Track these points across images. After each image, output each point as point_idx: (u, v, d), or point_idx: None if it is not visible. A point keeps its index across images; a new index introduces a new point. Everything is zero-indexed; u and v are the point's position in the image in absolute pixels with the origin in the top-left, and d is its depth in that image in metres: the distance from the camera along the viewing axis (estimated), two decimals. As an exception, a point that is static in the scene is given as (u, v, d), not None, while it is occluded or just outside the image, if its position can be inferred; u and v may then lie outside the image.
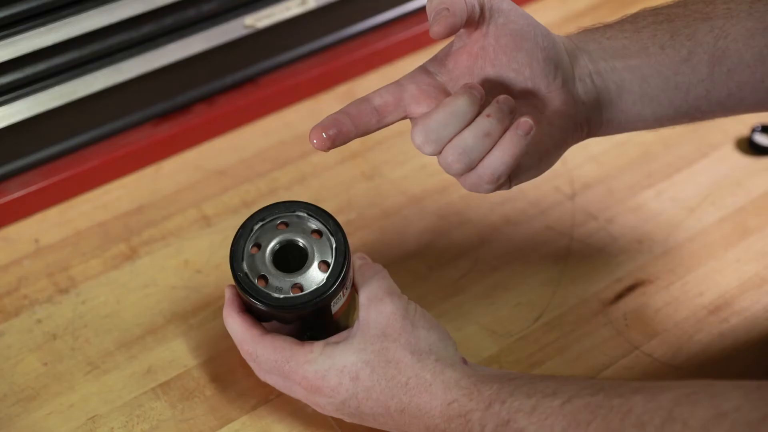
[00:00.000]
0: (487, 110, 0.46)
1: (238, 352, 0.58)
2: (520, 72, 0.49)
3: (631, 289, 0.65)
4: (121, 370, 0.61)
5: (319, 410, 0.54)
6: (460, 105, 0.46)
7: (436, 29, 0.46)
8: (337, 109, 0.52)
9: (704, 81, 0.52)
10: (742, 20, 0.51)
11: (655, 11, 0.53)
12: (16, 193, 0.70)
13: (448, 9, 0.46)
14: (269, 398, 0.59)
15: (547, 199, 0.72)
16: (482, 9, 0.48)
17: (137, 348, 0.62)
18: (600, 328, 0.63)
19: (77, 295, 0.66)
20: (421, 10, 0.85)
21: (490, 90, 0.49)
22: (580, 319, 0.64)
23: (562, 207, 0.71)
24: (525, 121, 0.46)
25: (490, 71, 0.49)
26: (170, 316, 0.64)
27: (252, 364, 0.55)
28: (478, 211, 0.71)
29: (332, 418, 0.58)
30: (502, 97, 0.47)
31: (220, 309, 0.64)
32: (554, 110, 0.50)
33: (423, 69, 0.51)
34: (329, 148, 0.49)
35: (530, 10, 0.88)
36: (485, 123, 0.46)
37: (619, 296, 0.65)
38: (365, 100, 0.50)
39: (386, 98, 0.50)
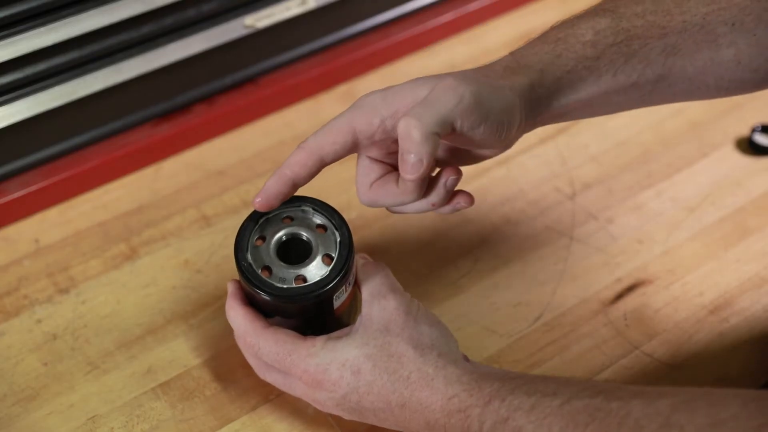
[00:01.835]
0: (432, 198, 0.52)
1: (239, 351, 0.58)
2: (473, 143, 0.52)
3: (631, 289, 0.65)
4: (121, 370, 0.61)
5: (318, 407, 0.54)
6: (409, 197, 0.51)
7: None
8: (337, 108, 0.53)
9: (645, 96, 0.55)
10: (693, 34, 0.52)
11: (617, 29, 0.52)
12: (16, 193, 0.70)
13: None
14: (269, 398, 0.59)
15: (547, 199, 0.72)
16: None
17: (137, 348, 0.62)
18: (600, 328, 0.63)
19: (77, 295, 0.66)
20: (421, 10, 0.85)
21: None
22: (580, 319, 0.64)
23: (562, 207, 0.71)
24: (452, 179, 0.51)
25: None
26: (170, 316, 0.64)
27: (252, 360, 0.56)
28: (478, 211, 0.71)
29: (332, 417, 0.58)
30: (450, 180, 0.51)
31: (221, 309, 0.64)
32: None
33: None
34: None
35: (530, 10, 0.89)
36: (428, 206, 0.52)
37: (619, 296, 0.65)
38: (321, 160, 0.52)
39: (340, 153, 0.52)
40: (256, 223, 0.55)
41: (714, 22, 0.52)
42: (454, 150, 0.54)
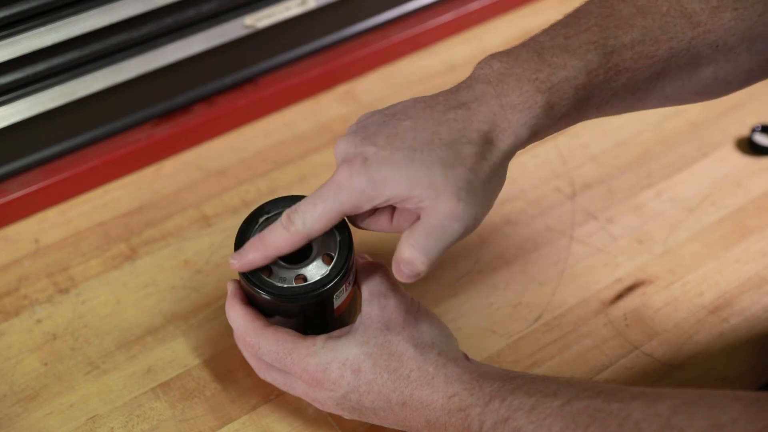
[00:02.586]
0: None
1: (239, 351, 0.58)
2: None
3: (631, 289, 0.65)
4: (121, 370, 0.61)
5: (318, 406, 0.54)
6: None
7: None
8: (337, 108, 0.53)
9: (617, 111, 0.55)
10: (678, 59, 0.52)
11: (607, 66, 0.51)
12: (16, 193, 0.70)
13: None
14: (269, 398, 0.59)
15: (547, 199, 0.72)
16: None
17: (137, 348, 0.62)
18: (600, 328, 0.63)
19: (77, 295, 0.66)
20: (421, 10, 0.85)
21: None
22: (580, 319, 0.64)
23: (562, 207, 0.71)
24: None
25: None
26: (170, 316, 0.64)
27: (252, 360, 0.56)
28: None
29: (331, 416, 0.58)
30: None
31: (221, 309, 0.64)
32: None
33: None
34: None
35: (530, 10, 0.89)
36: None
37: (619, 296, 0.65)
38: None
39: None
40: (257, 222, 0.55)
41: (699, 45, 0.52)
42: None
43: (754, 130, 0.75)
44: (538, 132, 0.51)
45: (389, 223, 0.53)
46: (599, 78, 0.50)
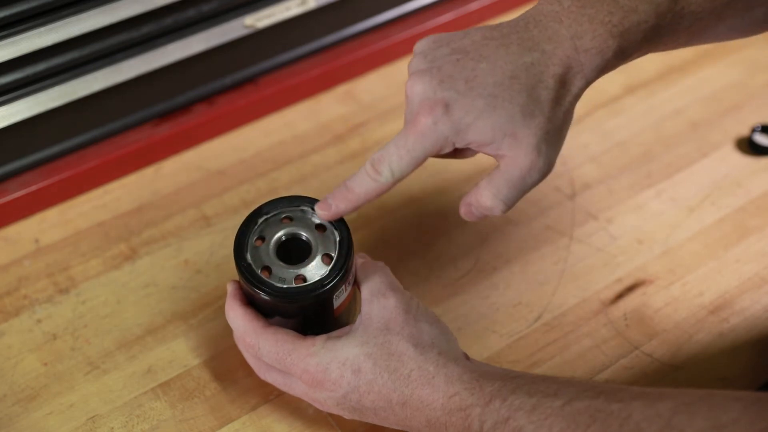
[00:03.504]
0: None
1: (239, 351, 0.58)
2: None
3: (631, 289, 0.65)
4: (121, 370, 0.61)
5: (318, 406, 0.54)
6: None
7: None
8: (337, 108, 0.53)
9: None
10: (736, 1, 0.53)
11: (674, 9, 0.52)
12: (16, 193, 0.70)
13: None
14: (269, 398, 0.59)
15: (547, 199, 0.72)
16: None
17: (137, 348, 0.62)
18: (600, 328, 0.63)
19: (77, 295, 0.66)
20: (421, 10, 0.85)
21: None
22: (580, 319, 0.64)
23: (562, 207, 0.71)
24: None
25: None
26: (170, 316, 0.64)
27: (252, 361, 0.56)
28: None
29: (332, 417, 0.58)
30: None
31: (221, 309, 0.64)
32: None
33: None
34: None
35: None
36: None
37: (619, 296, 0.65)
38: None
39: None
40: (256, 223, 0.55)
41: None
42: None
43: (754, 130, 0.75)
44: (604, 72, 0.52)
45: (461, 154, 0.54)
46: (666, 20, 0.51)
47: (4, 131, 0.67)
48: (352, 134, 0.78)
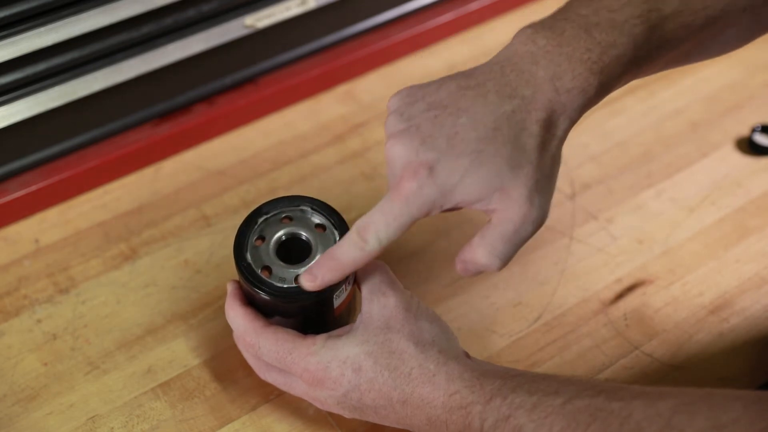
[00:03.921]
0: None
1: (239, 351, 0.58)
2: None
3: (631, 289, 0.65)
4: (121, 370, 0.61)
5: (319, 405, 0.54)
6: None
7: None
8: (337, 109, 0.53)
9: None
10: (711, 26, 0.52)
11: (651, 38, 0.50)
12: (16, 193, 0.70)
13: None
14: (269, 398, 0.59)
15: (547, 199, 0.72)
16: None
17: (137, 348, 0.62)
18: (600, 328, 0.63)
19: (77, 295, 0.66)
20: (421, 10, 0.85)
21: None
22: (580, 319, 0.64)
23: (562, 207, 0.71)
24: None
25: None
26: (170, 316, 0.64)
27: (252, 360, 0.56)
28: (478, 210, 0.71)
29: (332, 416, 0.58)
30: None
31: (221, 309, 0.64)
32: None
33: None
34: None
35: (530, 10, 0.89)
36: None
37: (619, 296, 0.65)
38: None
39: None
40: (256, 223, 0.55)
41: (731, 11, 0.51)
42: None
43: (754, 130, 0.75)
44: (586, 110, 0.50)
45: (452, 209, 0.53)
46: (644, 51, 0.50)
47: (4, 131, 0.67)
48: (352, 134, 0.78)
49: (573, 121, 0.50)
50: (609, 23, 0.49)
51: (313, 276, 0.51)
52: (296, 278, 0.53)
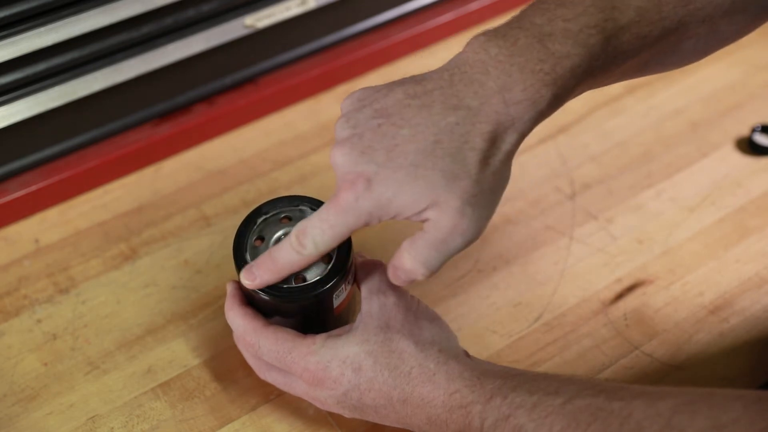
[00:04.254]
0: None
1: (239, 351, 0.58)
2: None
3: (631, 289, 0.65)
4: (121, 370, 0.61)
5: (318, 405, 0.54)
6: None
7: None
8: (337, 109, 0.52)
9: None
10: (667, 38, 0.51)
11: (607, 49, 0.49)
12: (16, 193, 0.70)
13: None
14: (269, 398, 0.59)
15: (547, 199, 0.72)
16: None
17: (137, 348, 0.62)
18: (600, 328, 0.63)
19: (77, 295, 0.66)
20: (421, 10, 0.85)
21: None
22: (580, 319, 0.64)
23: (562, 207, 0.71)
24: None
25: None
26: (170, 316, 0.64)
27: (252, 360, 0.56)
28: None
29: (332, 416, 0.58)
30: None
31: (221, 309, 0.64)
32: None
33: None
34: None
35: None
36: None
37: (619, 296, 0.65)
38: None
39: None
40: (255, 223, 0.55)
41: (688, 22, 0.51)
42: None
43: (754, 130, 0.75)
44: (539, 122, 0.49)
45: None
46: (599, 63, 0.49)
47: (4, 131, 0.67)
48: (352, 134, 0.77)
49: (523, 134, 0.49)
50: (563, 33, 0.48)
51: (252, 275, 0.52)
52: (296, 278, 0.53)
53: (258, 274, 0.52)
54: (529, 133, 0.49)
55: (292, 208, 0.55)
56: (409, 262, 0.49)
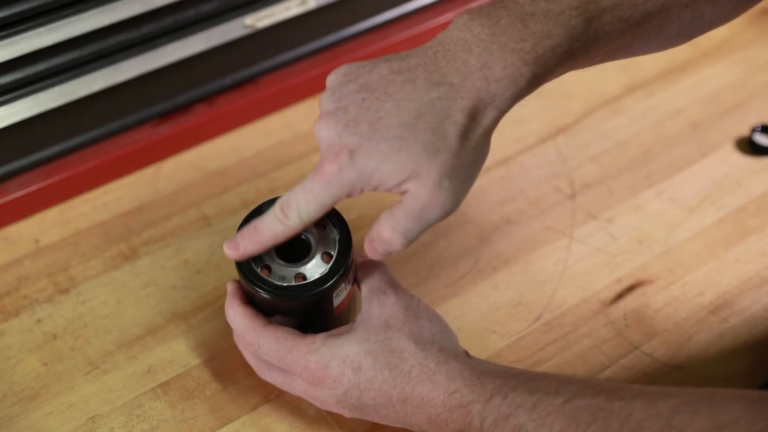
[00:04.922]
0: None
1: (239, 351, 0.58)
2: None
3: (631, 289, 0.65)
4: (121, 370, 0.61)
5: (318, 405, 0.54)
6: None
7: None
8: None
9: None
10: (650, 21, 0.51)
11: (588, 31, 0.50)
12: (16, 193, 0.70)
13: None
14: (269, 398, 0.59)
15: (547, 199, 0.72)
16: None
17: (137, 348, 0.62)
18: (600, 328, 0.63)
19: (77, 295, 0.66)
20: (421, 10, 0.85)
21: None
22: (580, 319, 0.64)
23: (562, 207, 0.71)
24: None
25: None
26: (170, 316, 0.64)
27: (252, 360, 0.56)
28: (478, 211, 0.71)
29: (332, 416, 0.58)
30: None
31: (221, 308, 0.64)
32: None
33: None
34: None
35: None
36: None
37: (619, 296, 0.65)
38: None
39: None
40: None
41: (671, 6, 0.51)
42: None
43: (754, 130, 0.75)
44: (518, 100, 0.50)
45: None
46: (579, 44, 0.50)
47: (4, 131, 0.67)
48: (352, 134, 0.78)
49: (502, 112, 0.50)
50: (545, 14, 0.49)
51: (235, 244, 0.52)
52: (296, 277, 0.53)
53: (242, 245, 0.52)
54: (508, 110, 0.50)
55: None
56: (387, 231, 0.49)
